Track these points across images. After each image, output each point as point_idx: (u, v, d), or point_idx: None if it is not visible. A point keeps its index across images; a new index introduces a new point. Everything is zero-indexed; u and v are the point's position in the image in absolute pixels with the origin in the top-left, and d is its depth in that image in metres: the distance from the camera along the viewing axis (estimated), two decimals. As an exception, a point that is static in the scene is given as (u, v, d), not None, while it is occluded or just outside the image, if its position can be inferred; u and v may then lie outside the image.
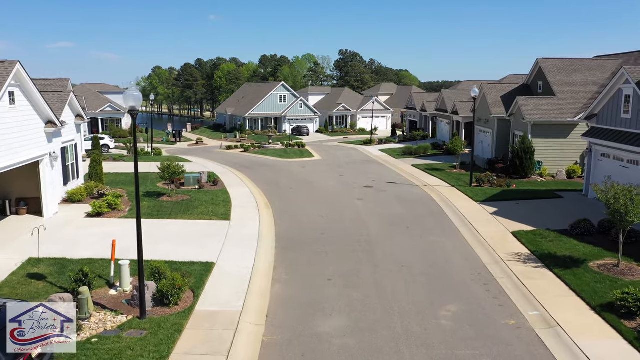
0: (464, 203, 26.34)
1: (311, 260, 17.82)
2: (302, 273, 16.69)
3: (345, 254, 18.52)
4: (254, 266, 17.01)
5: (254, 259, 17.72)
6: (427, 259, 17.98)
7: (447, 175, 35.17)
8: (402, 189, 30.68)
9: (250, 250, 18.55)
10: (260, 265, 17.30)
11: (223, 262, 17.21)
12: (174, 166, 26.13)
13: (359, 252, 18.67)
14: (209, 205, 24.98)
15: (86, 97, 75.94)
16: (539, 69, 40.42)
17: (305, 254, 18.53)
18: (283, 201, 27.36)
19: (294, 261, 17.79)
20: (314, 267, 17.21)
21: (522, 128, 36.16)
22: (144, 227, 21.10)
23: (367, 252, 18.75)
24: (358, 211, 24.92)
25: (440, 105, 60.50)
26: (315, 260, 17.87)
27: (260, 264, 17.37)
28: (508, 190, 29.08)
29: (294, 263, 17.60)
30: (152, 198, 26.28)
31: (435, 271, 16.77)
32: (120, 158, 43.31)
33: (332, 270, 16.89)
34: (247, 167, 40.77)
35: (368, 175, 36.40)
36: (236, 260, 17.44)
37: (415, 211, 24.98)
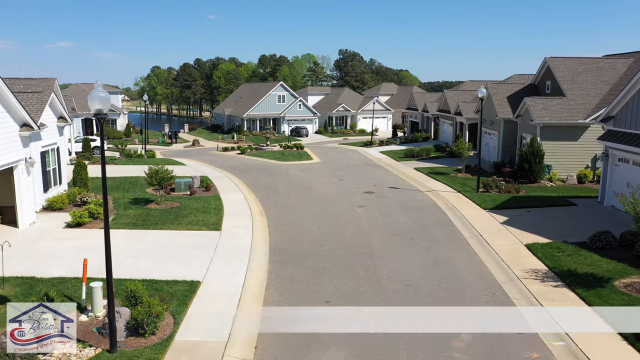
0: (471, 211, 24.71)
1: (308, 278, 16.19)
2: (297, 293, 15.06)
3: (345, 270, 16.89)
4: (244, 285, 15.39)
5: (245, 276, 16.09)
6: (435, 276, 16.34)
7: (451, 179, 33.54)
8: (405, 195, 29.05)
9: (240, 266, 16.92)
10: (251, 284, 15.67)
11: (210, 280, 15.58)
12: (162, 171, 24.47)
13: (360, 269, 17.03)
14: (200, 214, 23.34)
15: (80, 97, 74.30)
16: (547, 69, 38.80)
17: (301, 271, 16.90)
18: (279, 208, 25.73)
19: (289, 279, 16.15)
20: (310, 286, 15.58)
21: (530, 130, 34.54)
22: (126, 239, 19.71)
23: (369, 268, 17.12)
24: (359, 220, 23.29)
25: (443, 106, 58.88)
26: (312, 278, 16.23)
27: (251, 283, 15.74)
28: (517, 196, 27.44)
29: (289, 281, 15.97)
30: (139, 205, 24.64)
31: (444, 292, 15.13)
32: (111, 161, 41.65)
33: (330, 290, 15.26)
34: (243, 170, 39.13)
35: (369, 179, 34.76)
36: (225, 278, 15.81)
37: (420, 220, 23.35)
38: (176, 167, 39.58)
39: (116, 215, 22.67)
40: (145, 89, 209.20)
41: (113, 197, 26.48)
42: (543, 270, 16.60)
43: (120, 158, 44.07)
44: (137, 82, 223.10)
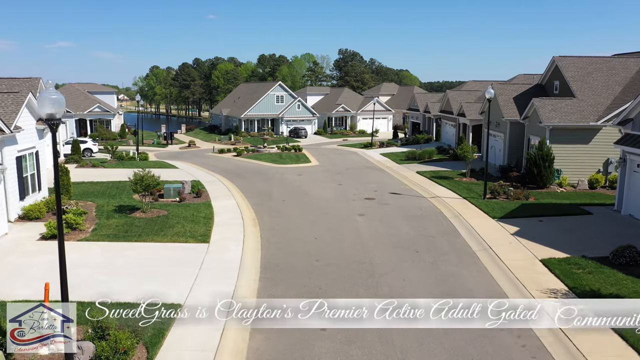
0: (479, 220, 23.08)
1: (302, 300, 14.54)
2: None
3: (344, 290, 15.26)
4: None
5: (232, 297, 14.47)
6: (443, 298, 14.69)
7: (456, 184, 31.90)
8: (407, 202, 27.42)
9: (228, 285, 15.28)
10: (243, 285, 14.04)
11: (193, 302, 13.93)
12: (148, 177, 22.82)
13: (360, 288, 15.41)
14: (187, 223, 21.70)
15: (74, 98, 72.76)
16: (555, 68, 37.18)
17: (295, 290, 15.27)
18: (273, 217, 24.10)
19: (281, 301, 14.49)
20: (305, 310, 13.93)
21: (538, 132, 32.93)
22: (105, 254, 18.02)
23: (370, 287, 15.49)
24: (358, 230, 21.66)
25: (445, 107, 57.26)
26: (307, 299, 14.58)
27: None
28: (527, 204, 25.81)
29: (280, 304, 14.31)
30: (123, 214, 23.00)
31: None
32: (101, 164, 39.97)
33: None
34: (237, 174, 37.49)
35: (369, 184, 33.13)
36: (209, 300, 14.16)
37: (424, 230, 21.72)
38: (168, 170, 38.00)
39: (97, 225, 21.02)
40: (144, 89, 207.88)
41: (96, 205, 24.85)
42: (563, 290, 14.98)
43: (111, 161, 42.42)
44: (136, 82, 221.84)
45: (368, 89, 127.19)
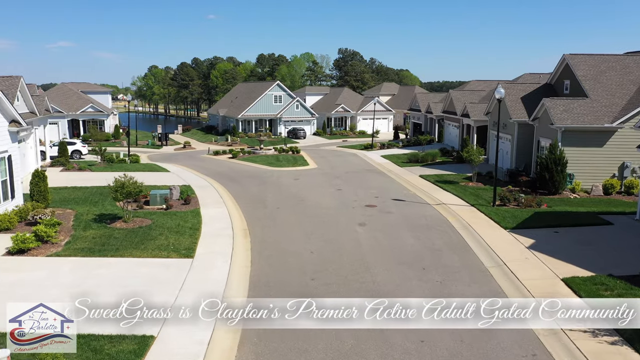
0: (490, 231, 21.22)
1: (294, 328, 12.71)
2: (279, 354, 11.59)
3: (342, 316, 13.39)
4: (210, 341, 11.93)
5: (214, 326, 12.62)
6: (456, 327, 12.84)
7: (462, 190, 30.05)
8: (411, 209, 25.57)
9: (210, 311, 13.42)
10: (221, 337, 12.22)
11: (167, 335, 12.09)
12: (129, 184, 20.91)
13: (361, 314, 13.54)
14: (172, 235, 19.84)
15: (67, 97, 70.92)
16: (566, 67, 35.35)
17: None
18: (266, 227, 22.24)
19: (270, 331, 12.66)
20: (296, 342, 12.10)
21: (549, 135, 31.09)
22: (75, 272, 15.96)
23: (371, 313, 13.63)
24: (359, 243, 19.80)
25: (448, 107, 55.42)
26: (300, 330, 12.74)
27: (221, 336, 12.28)
28: (541, 212, 23.96)
29: (270, 334, 12.48)
30: (102, 224, 21.13)
31: (469, 352, 11.66)
32: (88, 167, 38.06)
33: (321, 348, 11.80)
34: (231, 178, 35.62)
35: (370, 189, 31.28)
36: (188, 330, 12.33)
37: (431, 243, 19.86)
38: (158, 174, 36.16)
39: (72, 237, 19.15)
40: (142, 89, 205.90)
41: (76, 213, 22.99)
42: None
43: (100, 164, 40.53)
44: (134, 82, 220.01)
45: (368, 88, 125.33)
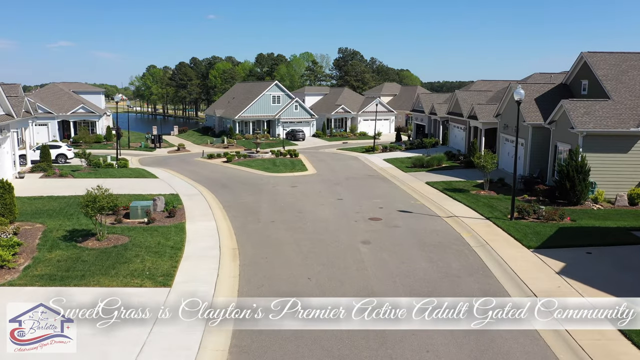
0: (511, 251, 18.72)
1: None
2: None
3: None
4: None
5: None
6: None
7: (474, 199, 27.57)
8: (420, 223, 23.07)
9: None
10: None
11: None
12: (102, 197, 18.35)
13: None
14: (150, 256, 17.34)
15: (57, 98, 68.39)
16: (584, 66, 32.90)
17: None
18: (258, 245, 19.72)
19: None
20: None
21: (567, 139, 28.62)
22: (28, 306, 13.61)
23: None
24: (363, 266, 17.29)
25: (454, 108, 52.90)
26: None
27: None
28: (565, 227, 21.46)
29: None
30: (72, 243, 18.61)
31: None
32: (71, 173, 35.46)
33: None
34: (223, 185, 33.10)
35: (374, 198, 28.77)
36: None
37: (445, 266, 17.35)
38: (145, 181, 33.62)
39: (33, 260, 16.61)
40: (140, 89, 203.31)
41: (45, 228, 20.48)
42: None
43: (85, 169, 38.00)
44: (132, 82, 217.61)
45: (369, 89, 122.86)
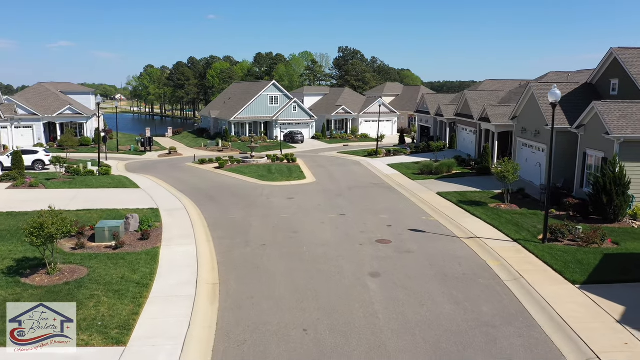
0: (553, 288, 15.30)
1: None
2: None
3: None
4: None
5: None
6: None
7: (495, 215, 24.18)
8: (437, 247, 19.65)
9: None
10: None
11: None
12: (51, 223, 14.87)
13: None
14: (108, 297, 13.92)
15: (44, 99, 64.98)
16: (614, 63, 29.55)
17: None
18: (244, 280, 16.28)
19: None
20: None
21: (601, 146, 25.23)
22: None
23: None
24: (373, 310, 13.86)
25: (462, 110, 49.51)
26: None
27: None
28: (612, 254, 18.02)
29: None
30: (15, 278, 15.18)
31: None
32: (42, 183, 31.81)
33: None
34: (211, 197, 29.64)
35: (380, 213, 25.36)
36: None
37: (476, 310, 13.93)
38: (125, 192, 30.17)
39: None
40: (138, 89, 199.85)
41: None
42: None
43: (61, 177, 34.55)
44: (130, 82, 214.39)
45: (370, 89, 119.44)
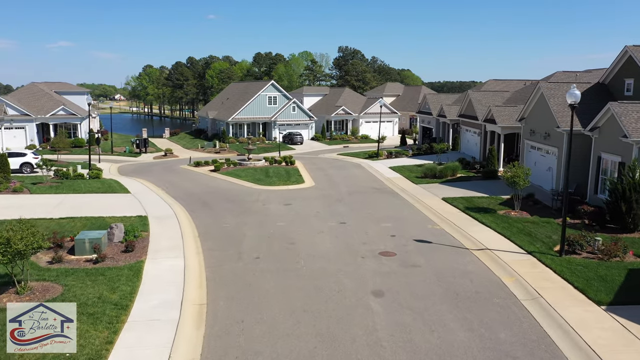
0: (577, 310, 13.78)
1: None
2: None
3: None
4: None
5: None
6: None
7: (505, 223, 22.67)
8: (445, 260, 18.12)
9: None
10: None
11: None
12: (18, 239, 13.35)
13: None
14: (81, 322, 12.37)
15: (37, 99, 63.47)
16: (629, 61, 28.06)
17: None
18: (234, 300, 14.74)
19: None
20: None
21: (618, 150, 23.74)
22: None
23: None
24: (377, 338, 12.33)
25: (466, 111, 47.99)
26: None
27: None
28: (637, 270, 16.52)
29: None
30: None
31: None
32: (27, 187, 30.36)
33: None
34: (204, 203, 28.12)
35: (383, 221, 23.84)
36: None
37: (492, 337, 12.41)
38: (114, 198, 28.67)
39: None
40: (136, 89, 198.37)
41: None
42: None
43: (49, 181, 33.02)
44: (129, 82, 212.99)
45: (370, 89, 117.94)
